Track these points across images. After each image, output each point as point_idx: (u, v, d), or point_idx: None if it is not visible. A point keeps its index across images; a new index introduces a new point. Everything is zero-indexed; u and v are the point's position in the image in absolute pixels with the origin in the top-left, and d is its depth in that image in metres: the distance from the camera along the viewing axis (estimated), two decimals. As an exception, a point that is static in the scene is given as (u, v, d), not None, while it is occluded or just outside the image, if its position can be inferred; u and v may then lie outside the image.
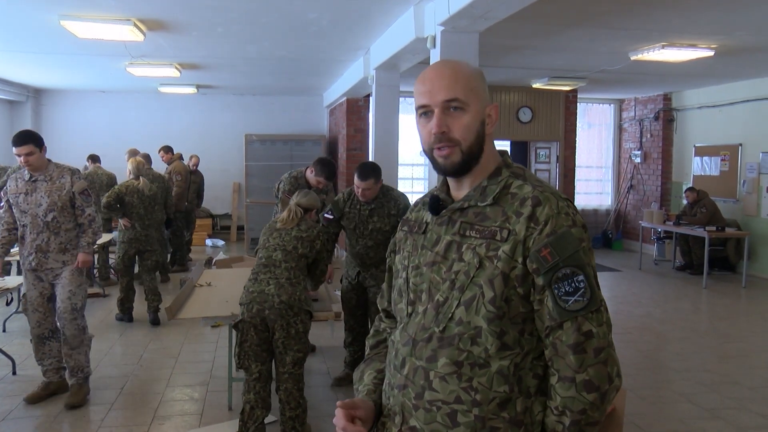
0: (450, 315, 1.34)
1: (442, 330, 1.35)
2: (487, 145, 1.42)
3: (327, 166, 4.97)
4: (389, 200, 4.40)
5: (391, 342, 1.49)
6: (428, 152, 1.42)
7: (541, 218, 1.30)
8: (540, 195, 1.33)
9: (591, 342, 1.27)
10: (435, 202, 1.45)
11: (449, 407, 1.32)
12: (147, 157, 8.51)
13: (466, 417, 1.31)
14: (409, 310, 1.43)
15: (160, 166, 9.33)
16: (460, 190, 1.44)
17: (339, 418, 1.38)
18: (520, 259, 1.30)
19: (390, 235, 4.44)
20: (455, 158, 1.38)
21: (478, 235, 1.35)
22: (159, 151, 9.33)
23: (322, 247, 3.68)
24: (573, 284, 1.28)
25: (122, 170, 9.05)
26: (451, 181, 1.46)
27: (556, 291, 1.28)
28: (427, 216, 1.47)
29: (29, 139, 4.05)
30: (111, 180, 8.30)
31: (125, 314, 6.40)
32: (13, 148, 4.04)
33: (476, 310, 1.31)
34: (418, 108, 1.42)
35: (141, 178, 6.51)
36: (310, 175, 4.99)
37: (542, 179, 1.43)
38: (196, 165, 9.92)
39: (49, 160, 4.19)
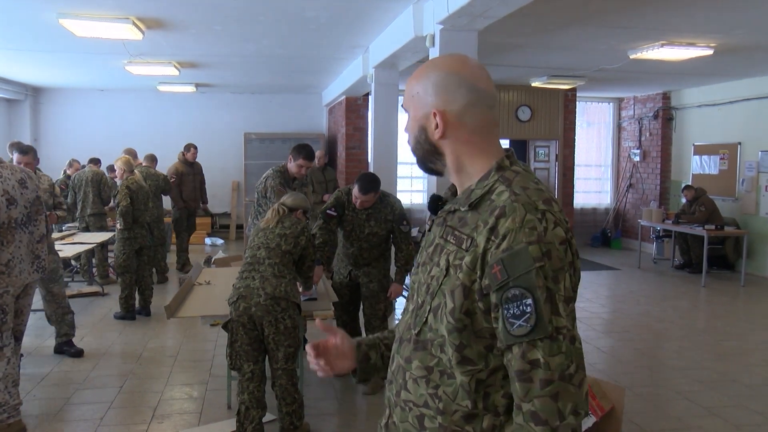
0: (424, 319, 1.32)
1: (417, 333, 1.34)
2: (449, 148, 1.37)
3: (304, 147, 4.94)
4: (386, 206, 4.48)
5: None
6: None
7: (501, 231, 1.20)
8: (509, 205, 1.22)
9: (537, 372, 1.16)
10: (433, 202, 1.45)
11: (419, 410, 1.32)
12: (152, 158, 8.51)
13: (432, 423, 1.30)
14: (405, 307, 1.45)
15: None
16: (460, 191, 1.41)
17: (309, 350, 1.54)
18: (479, 273, 1.23)
19: (385, 238, 4.53)
20: (417, 160, 1.45)
21: (453, 241, 1.30)
22: (190, 148, 9.18)
23: (307, 243, 3.68)
24: (520, 307, 1.17)
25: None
26: (453, 181, 1.46)
27: (505, 312, 1.19)
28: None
29: None
30: (96, 176, 8.19)
31: (128, 312, 6.39)
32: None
33: (440, 318, 1.28)
34: None
35: (135, 172, 6.49)
36: (291, 164, 4.95)
37: (532, 185, 1.29)
38: (324, 160, 9.51)
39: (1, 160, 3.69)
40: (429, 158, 1.40)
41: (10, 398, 3.60)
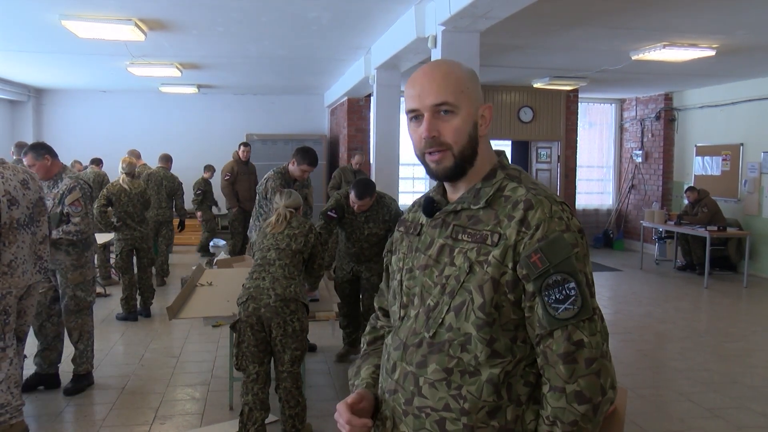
0: (440, 320, 1.31)
1: (432, 335, 1.32)
2: (482, 147, 1.38)
3: (309, 153, 5.02)
4: (382, 207, 4.76)
5: (385, 345, 1.47)
6: (420, 157, 1.39)
7: (533, 222, 1.26)
8: (533, 198, 1.28)
9: (582, 352, 1.23)
10: (429, 204, 1.43)
11: (438, 414, 1.30)
12: (167, 158, 8.56)
13: (454, 425, 1.29)
14: (402, 314, 1.42)
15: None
16: (456, 192, 1.41)
17: (343, 412, 1.35)
18: (510, 265, 1.26)
19: (384, 236, 4.75)
20: (447, 163, 1.35)
21: (469, 239, 1.31)
22: (241, 147, 9.15)
23: (316, 240, 3.68)
24: (563, 291, 1.23)
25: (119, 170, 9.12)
26: (447, 183, 1.43)
27: (546, 298, 1.24)
28: (423, 217, 1.44)
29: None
30: (98, 177, 8.27)
31: (130, 313, 6.41)
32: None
33: (466, 316, 1.28)
34: (408, 112, 1.39)
35: (123, 176, 6.50)
36: (293, 167, 5.01)
37: (538, 181, 1.38)
38: (359, 164, 9.11)
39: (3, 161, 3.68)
40: (471, 159, 1.37)
41: (13, 399, 3.58)
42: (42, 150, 4.33)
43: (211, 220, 10.14)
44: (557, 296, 1.24)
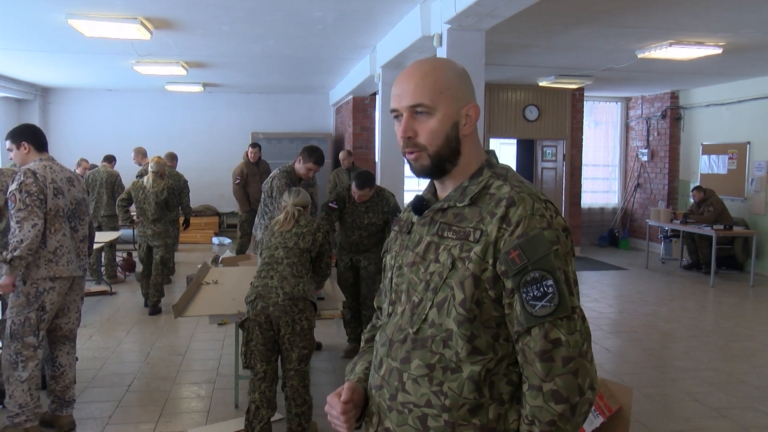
0: (424, 316, 1.32)
1: (415, 331, 1.33)
2: (467, 146, 1.39)
3: (315, 151, 5.06)
4: (382, 199, 5.04)
5: (374, 342, 1.49)
6: (403, 155, 1.42)
7: (513, 219, 1.26)
8: (516, 195, 1.28)
9: (559, 350, 1.21)
10: (418, 203, 1.45)
11: (420, 410, 1.31)
12: (173, 156, 8.61)
13: (435, 421, 1.29)
14: (390, 311, 1.43)
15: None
16: (444, 191, 1.43)
17: (335, 405, 1.38)
18: (490, 261, 1.26)
19: (382, 227, 5.01)
20: (424, 162, 1.38)
21: (454, 236, 1.32)
22: (250, 148, 8.98)
23: (324, 239, 3.69)
24: (541, 288, 1.22)
25: (127, 168, 9.18)
26: (436, 181, 1.46)
27: (524, 295, 1.23)
28: (414, 216, 1.46)
29: None
30: (111, 177, 8.31)
31: (145, 299, 6.80)
32: None
33: (447, 312, 1.29)
34: (390, 111, 1.42)
35: (150, 175, 6.63)
36: (299, 165, 5.04)
37: (525, 180, 1.37)
38: (350, 164, 8.96)
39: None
40: (451, 158, 1.38)
41: (31, 401, 3.56)
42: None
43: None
44: (535, 293, 1.23)
